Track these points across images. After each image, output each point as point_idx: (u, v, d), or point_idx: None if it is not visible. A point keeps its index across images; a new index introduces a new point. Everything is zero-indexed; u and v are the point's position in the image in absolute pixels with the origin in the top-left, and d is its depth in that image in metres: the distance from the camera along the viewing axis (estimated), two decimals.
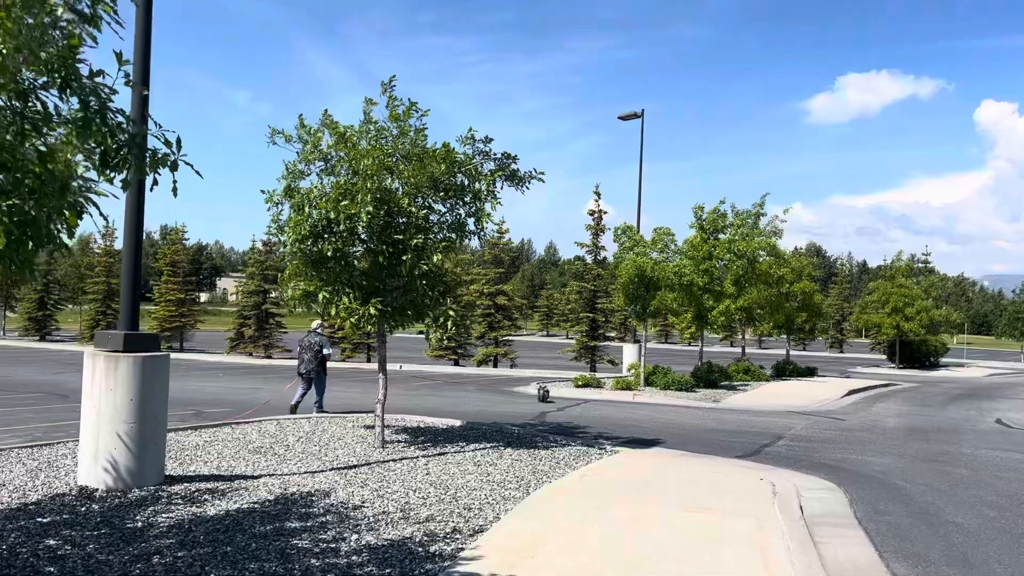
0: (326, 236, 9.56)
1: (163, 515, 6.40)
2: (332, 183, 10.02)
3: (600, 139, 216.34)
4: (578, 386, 22.41)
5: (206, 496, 7.11)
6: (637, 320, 23.97)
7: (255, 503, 6.91)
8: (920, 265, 51.35)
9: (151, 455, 7.22)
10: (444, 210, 10.57)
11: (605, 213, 33.96)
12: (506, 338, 33.92)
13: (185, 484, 7.57)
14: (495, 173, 10.31)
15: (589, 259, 34.66)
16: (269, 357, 36.78)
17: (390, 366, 33.79)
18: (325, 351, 14.99)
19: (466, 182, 10.32)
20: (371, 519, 6.52)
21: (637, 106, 30.21)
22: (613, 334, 35.40)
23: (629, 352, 29.40)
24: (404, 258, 9.63)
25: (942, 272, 52.49)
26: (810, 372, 31.63)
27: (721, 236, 25.23)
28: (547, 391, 19.36)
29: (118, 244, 46.33)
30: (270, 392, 19.00)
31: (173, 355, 38.75)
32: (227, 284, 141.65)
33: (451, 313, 9.76)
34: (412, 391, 21.19)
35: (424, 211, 9.95)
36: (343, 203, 9.43)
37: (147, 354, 7.19)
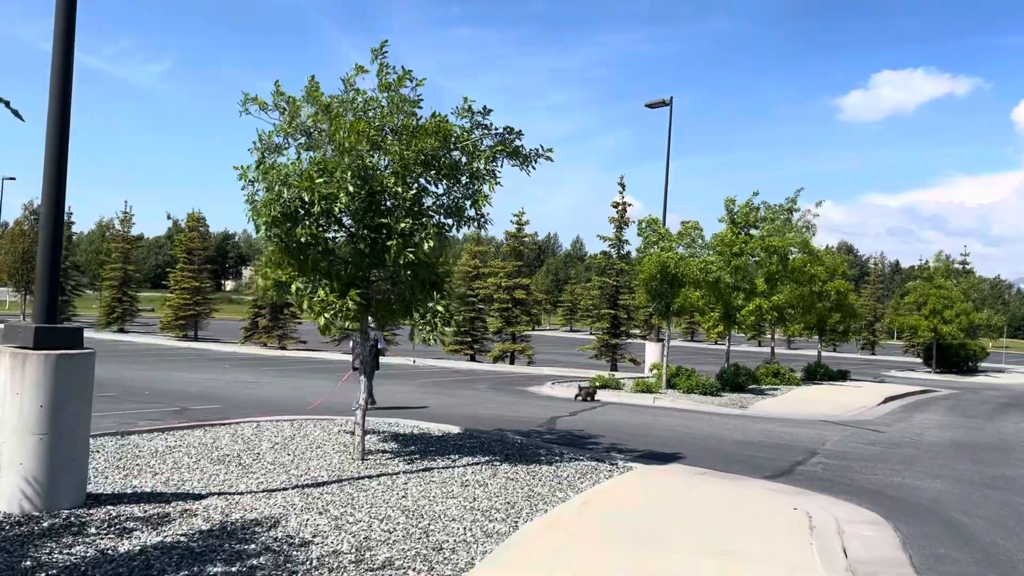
0: (301, 219, 8.38)
1: (64, 551, 5.26)
2: (310, 159, 8.84)
3: (628, 133, 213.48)
4: (596, 387, 21.10)
5: (129, 524, 5.97)
6: (660, 319, 22.63)
7: (183, 535, 5.76)
8: (958, 266, 49.20)
9: (67, 473, 6.09)
10: (440, 192, 9.36)
11: (629, 206, 32.60)
12: (524, 333, 32.69)
13: (111, 506, 6.43)
14: (495, 149, 9.06)
15: (612, 253, 33.30)
16: (283, 348, 35.90)
17: (404, 360, 32.75)
18: (380, 345, 15.15)
19: (463, 160, 9.09)
20: (314, 563, 5.33)
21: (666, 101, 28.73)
22: (637, 331, 33.97)
23: (652, 351, 28.02)
24: (389, 244, 8.42)
25: (979, 274, 50.15)
26: (843, 376, 30.04)
27: (753, 231, 23.77)
28: (591, 391, 19.16)
29: (135, 230, 45.77)
30: (321, 394, 18.02)
31: (185, 344, 38.00)
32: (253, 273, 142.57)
33: (439, 309, 8.55)
34: (419, 389, 20.06)
35: (413, 192, 8.73)
36: (319, 181, 8.26)
37: (64, 352, 6.05)
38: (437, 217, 9.24)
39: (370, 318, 16.07)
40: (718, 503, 8.09)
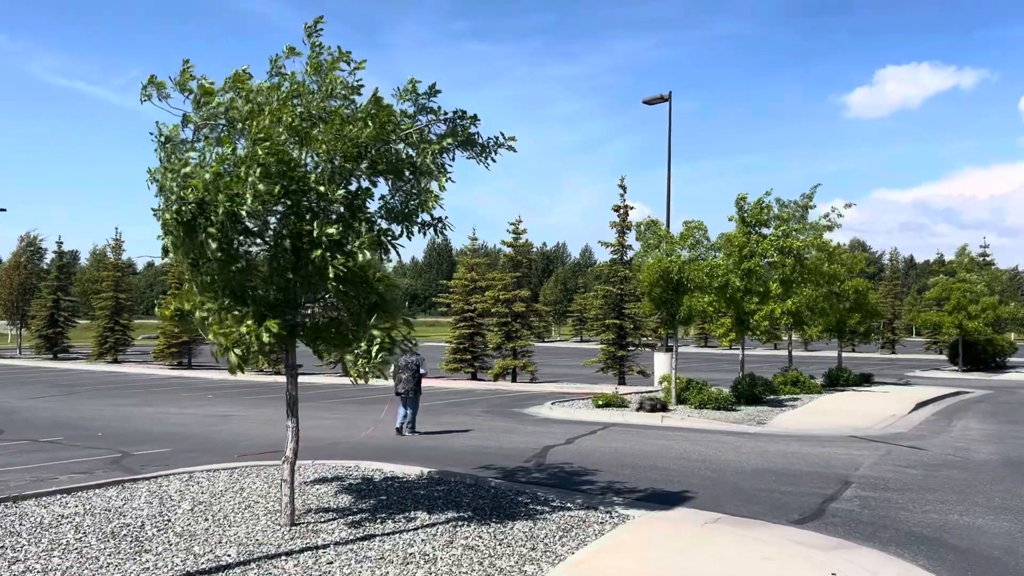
0: (202, 226, 6.72)
1: None
2: (218, 156, 7.19)
3: (637, 140, 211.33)
4: (598, 406, 19.36)
5: None
6: (665, 328, 20.87)
7: None
8: (979, 259, 47.10)
9: None
10: (385, 193, 7.70)
11: (631, 208, 30.82)
12: (526, 348, 30.92)
13: None
14: (444, 138, 7.40)
15: (605, 257, 31.53)
16: (278, 373, 34.29)
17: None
18: (422, 370, 15.04)
19: (409, 153, 7.43)
20: None
21: (674, 106, 27.08)
22: (648, 338, 32.03)
23: (661, 362, 26.19)
24: (313, 256, 6.75)
25: (997, 266, 47.97)
26: (866, 380, 28.13)
27: (765, 231, 21.99)
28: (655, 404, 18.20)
29: (142, 260, 44.24)
30: (368, 425, 16.44)
31: (176, 373, 36.37)
32: None
33: (375, 335, 6.85)
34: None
35: (343, 192, 7.06)
36: (225, 180, 6.61)
37: None
38: (382, 223, 7.57)
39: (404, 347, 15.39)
40: (734, 572, 6.33)
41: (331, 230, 6.66)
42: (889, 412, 19.20)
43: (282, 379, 35.73)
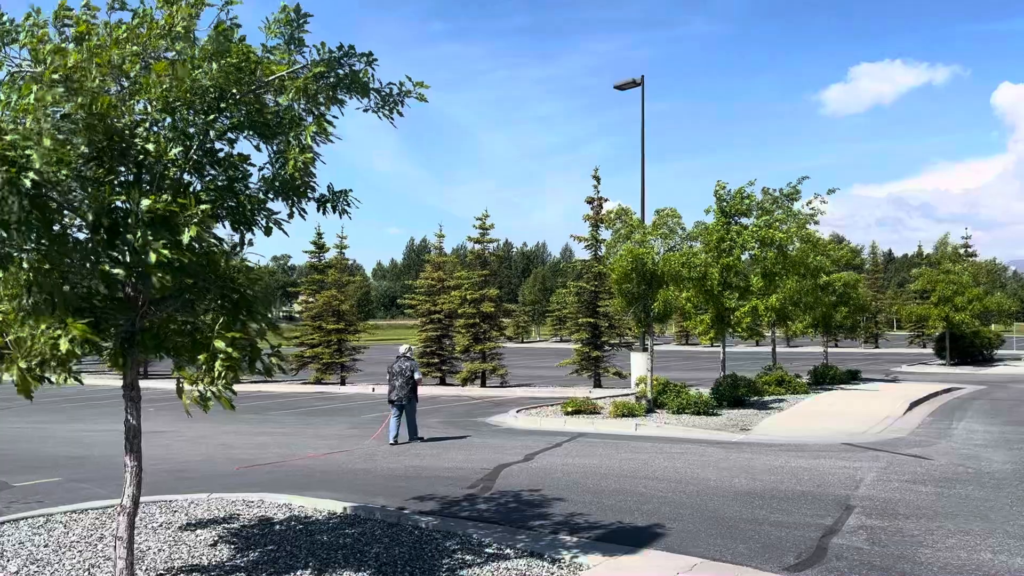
0: None
1: None
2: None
3: (617, 140, 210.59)
4: (567, 413, 17.62)
5: None
6: (639, 326, 19.20)
7: None
8: (962, 250, 45.89)
9: None
10: (270, 160, 5.90)
11: (606, 201, 29.13)
12: (494, 351, 29.16)
13: None
14: (315, 69, 5.57)
15: (588, 255, 29.83)
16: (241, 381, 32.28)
17: (362, 388, 29.14)
18: (416, 376, 14.27)
19: (271, 99, 5.64)
20: None
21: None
22: (626, 337, 30.22)
23: (638, 362, 24.45)
24: (130, 237, 4.94)
25: (979, 258, 46.72)
26: (853, 376, 26.65)
27: (746, 221, 20.35)
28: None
29: None
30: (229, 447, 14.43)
31: (143, 383, 34.29)
32: None
33: (219, 346, 5.06)
34: (354, 429, 16.53)
35: (178, 151, 5.25)
36: (6, 139, 4.79)
37: None
38: (215, 189, 5.74)
39: (404, 346, 14.96)
40: None
41: (147, 202, 4.85)
42: (883, 413, 17.63)
43: (240, 388, 34.24)
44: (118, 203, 5.04)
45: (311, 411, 20.72)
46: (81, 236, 5.46)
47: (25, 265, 5.03)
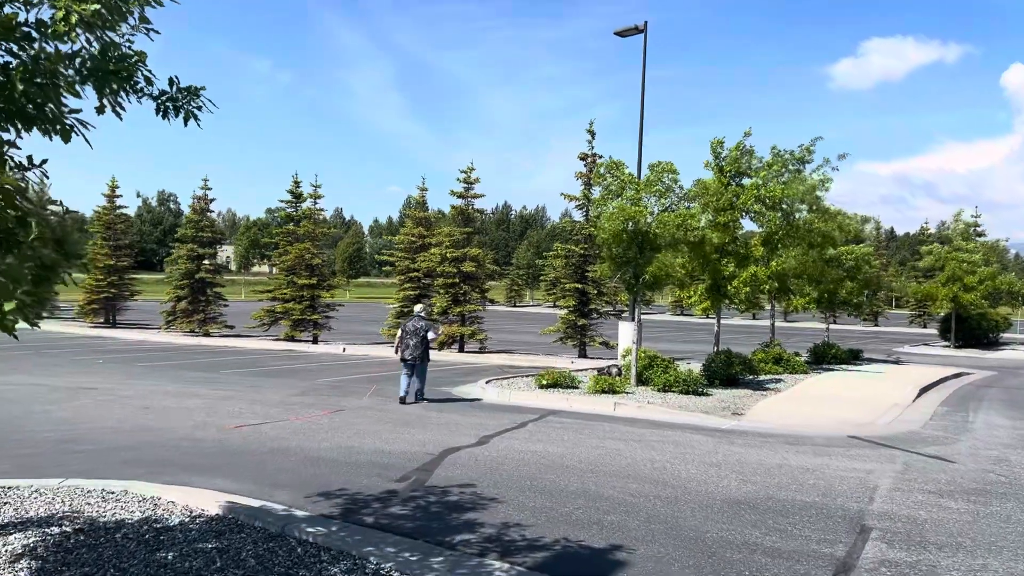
0: None
1: None
2: None
3: (623, 105, 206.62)
4: (541, 386, 15.86)
5: None
6: (629, 292, 17.34)
7: None
8: (972, 229, 43.93)
9: None
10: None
11: (599, 157, 27.01)
12: (474, 314, 27.32)
13: None
14: None
15: (580, 216, 27.82)
16: (207, 335, 30.46)
17: (333, 348, 27.39)
18: (431, 335, 14.14)
19: None
20: None
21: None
22: (616, 305, 28.36)
23: (625, 332, 22.65)
24: None
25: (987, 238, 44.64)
26: (855, 356, 24.92)
27: (747, 180, 18.40)
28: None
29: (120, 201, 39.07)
30: (161, 409, 12.76)
31: (93, 332, 32.18)
32: (230, 252, 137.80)
33: None
34: (303, 396, 14.74)
35: None
36: None
37: None
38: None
39: (419, 306, 14.62)
40: None
41: None
42: (891, 400, 15.88)
43: (205, 341, 31.79)
44: None
45: (267, 371, 18.95)
46: None
47: None
